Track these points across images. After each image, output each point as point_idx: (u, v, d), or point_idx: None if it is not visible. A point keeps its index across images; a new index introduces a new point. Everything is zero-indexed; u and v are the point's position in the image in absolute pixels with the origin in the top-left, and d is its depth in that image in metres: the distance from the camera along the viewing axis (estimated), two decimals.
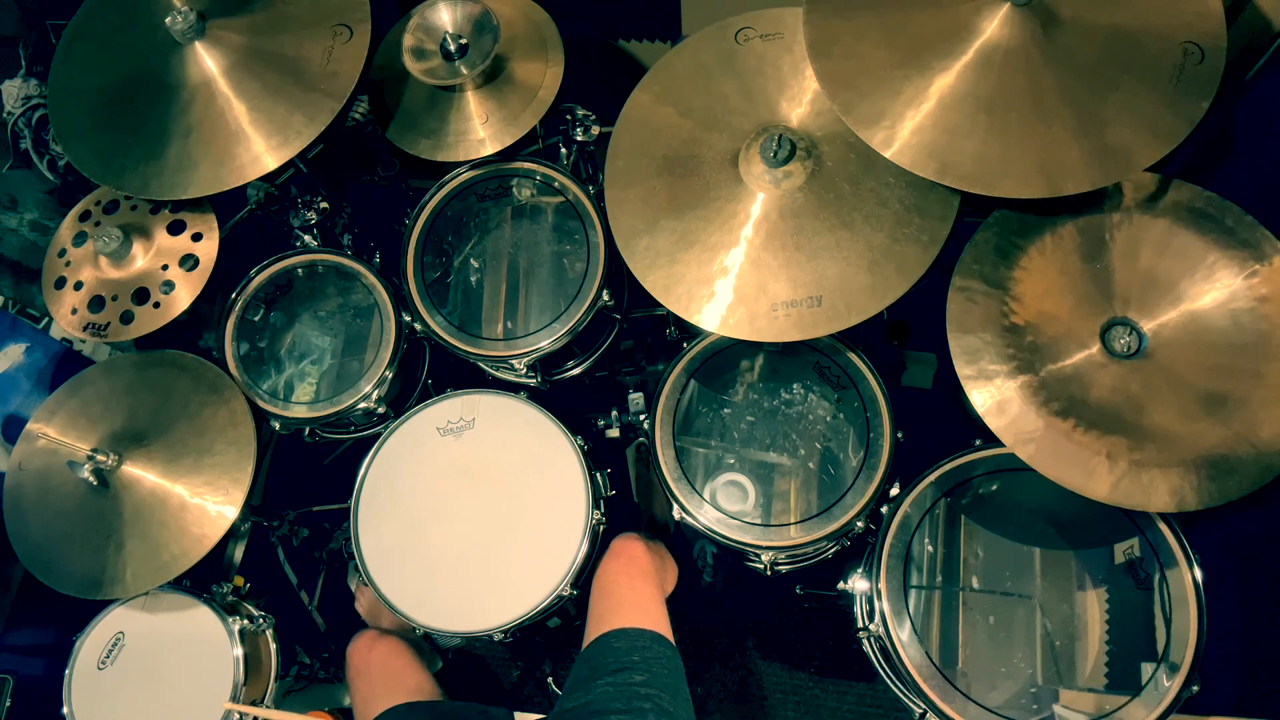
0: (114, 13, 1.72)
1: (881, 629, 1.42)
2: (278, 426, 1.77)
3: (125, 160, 1.62)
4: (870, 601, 1.46)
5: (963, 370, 1.35)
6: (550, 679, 2.08)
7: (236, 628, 1.64)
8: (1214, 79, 1.27)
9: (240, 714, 1.60)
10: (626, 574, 1.56)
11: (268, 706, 1.70)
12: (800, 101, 1.52)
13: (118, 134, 1.63)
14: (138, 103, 1.64)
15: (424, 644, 2.02)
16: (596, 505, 1.61)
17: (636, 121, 1.59)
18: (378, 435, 1.72)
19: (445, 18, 1.69)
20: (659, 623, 1.49)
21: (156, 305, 1.67)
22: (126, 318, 1.68)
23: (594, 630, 1.49)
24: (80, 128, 1.66)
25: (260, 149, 1.58)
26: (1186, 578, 1.36)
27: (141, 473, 1.61)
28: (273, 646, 1.75)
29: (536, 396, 1.73)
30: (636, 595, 1.53)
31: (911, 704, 1.45)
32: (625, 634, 1.45)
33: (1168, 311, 1.34)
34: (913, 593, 1.44)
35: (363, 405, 1.74)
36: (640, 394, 1.69)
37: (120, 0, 1.72)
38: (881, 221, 1.41)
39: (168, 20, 1.58)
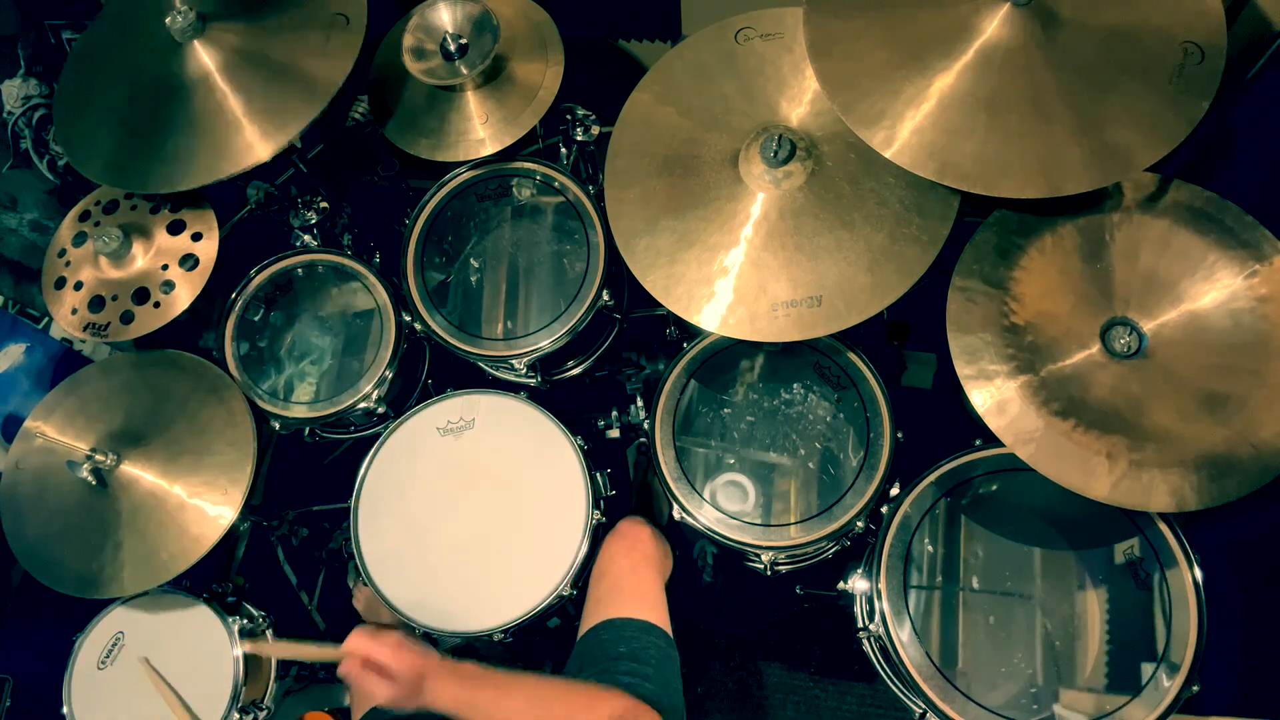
0: (124, 17, 1.73)
1: (881, 629, 1.42)
2: (278, 426, 1.77)
3: (125, 159, 1.62)
4: (870, 601, 1.46)
5: (963, 370, 1.35)
6: None
7: (236, 628, 1.64)
8: (1214, 79, 1.27)
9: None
10: (629, 557, 1.56)
11: (268, 706, 1.70)
12: (800, 101, 1.52)
13: (125, 138, 1.63)
14: (145, 108, 1.64)
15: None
16: (596, 505, 1.61)
17: (636, 121, 1.59)
18: (378, 435, 1.72)
19: (445, 18, 1.69)
20: (655, 611, 1.48)
21: (156, 305, 1.67)
22: (126, 318, 1.67)
23: (590, 615, 1.49)
24: (88, 135, 1.66)
25: (254, 138, 1.57)
26: (1186, 578, 1.36)
27: (140, 472, 1.61)
28: None
29: (536, 396, 1.73)
30: (637, 579, 1.53)
31: (911, 704, 1.45)
32: (612, 625, 1.44)
33: (1168, 311, 1.34)
34: (913, 593, 1.44)
35: (363, 405, 1.73)
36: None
37: (128, 14, 1.72)
38: (881, 221, 1.41)
39: (168, 20, 1.58)
